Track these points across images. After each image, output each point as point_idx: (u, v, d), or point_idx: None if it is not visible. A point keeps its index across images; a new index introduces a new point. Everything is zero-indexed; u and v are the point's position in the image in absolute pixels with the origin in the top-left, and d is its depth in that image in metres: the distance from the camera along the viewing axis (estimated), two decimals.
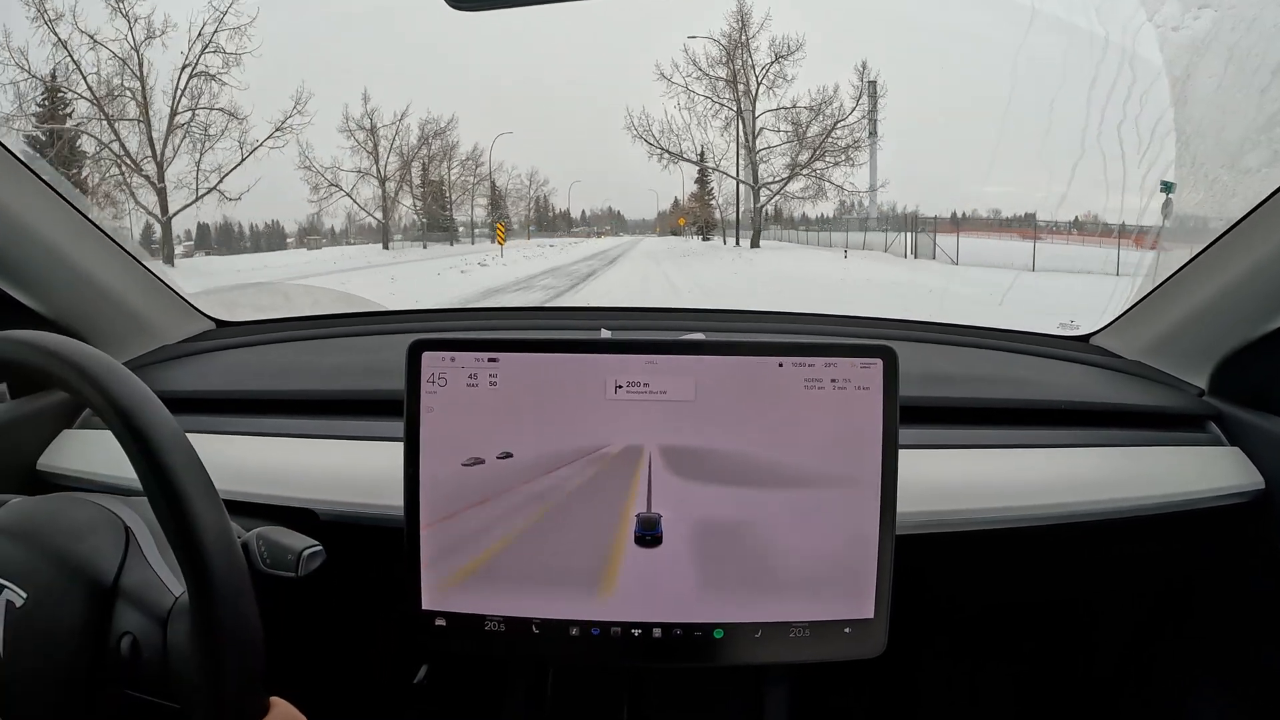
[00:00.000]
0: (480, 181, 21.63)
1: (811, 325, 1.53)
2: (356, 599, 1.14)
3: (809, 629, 0.83)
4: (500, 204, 23.20)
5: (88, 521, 0.77)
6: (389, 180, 18.96)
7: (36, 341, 0.68)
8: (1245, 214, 1.04)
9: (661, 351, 0.84)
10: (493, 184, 23.10)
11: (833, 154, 16.65)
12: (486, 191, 21.88)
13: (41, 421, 1.18)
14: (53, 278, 1.17)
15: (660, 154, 18.21)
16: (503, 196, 23.10)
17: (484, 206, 22.07)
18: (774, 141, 17.03)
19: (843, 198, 17.17)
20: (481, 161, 21.34)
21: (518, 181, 23.46)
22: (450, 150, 20.14)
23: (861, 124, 16.11)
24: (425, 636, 0.85)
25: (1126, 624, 1.35)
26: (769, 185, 17.43)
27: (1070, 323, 1.51)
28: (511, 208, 23.11)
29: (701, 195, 21.14)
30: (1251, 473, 1.10)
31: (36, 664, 0.68)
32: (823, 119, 16.44)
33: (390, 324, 1.58)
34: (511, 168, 22.72)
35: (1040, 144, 10.78)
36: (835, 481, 0.82)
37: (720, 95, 17.28)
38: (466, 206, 21.16)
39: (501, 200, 23.19)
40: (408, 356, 0.84)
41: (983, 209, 14.81)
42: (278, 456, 1.11)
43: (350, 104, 17.32)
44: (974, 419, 1.17)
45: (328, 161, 17.10)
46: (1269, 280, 1.04)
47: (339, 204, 17.97)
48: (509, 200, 23.27)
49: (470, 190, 21.14)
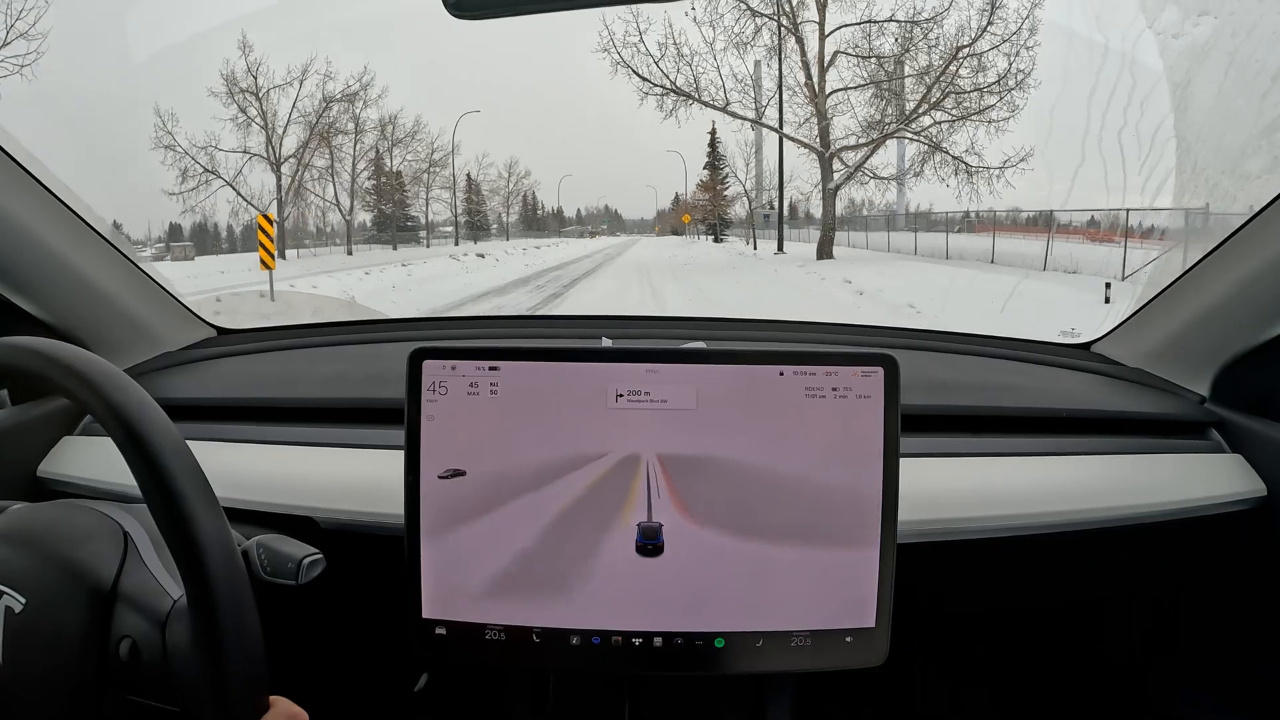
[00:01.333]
0: (433, 170, 19.72)
1: (812, 334, 1.53)
2: (357, 607, 1.13)
3: (810, 638, 0.83)
4: (476, 200, 21.88)
5: (86, 527, 0.77)
6: (295, 159, 16.37)
7: (38, 348, 0.68)
8: (1246, 220, 1.04)
9: (663, 360, 0.83)
10: (470, 181, 21.37)
11: (959, 98, 10.66)
12: (449, 184, 20.32)
13: (42, 428, 1.18)
14: (54, 284, 1.17)
15: (654, 92, 12.50)
16: (477, 191, 21.74)
17: (447, 201, 20.40)
18: (847, 79, 11.02)
19: (967, 171, 10.95)
20: (438, 148, 19.62)
21: (493, 173, 22.05)
22: (411, 135, 18.38)
23: (1002, 55, 9.52)
24: (425, 645, 0.85)
25: (1129, 632, 1.35)
26: (846, 150, 11.15)
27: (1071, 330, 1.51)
28: (490, 205, 22.11)
29: (713, 182, 18.92)
30: (1253, 480, 1.10)
31: (36, 669, 0.68)
32: (928, 44, 10.54)
33: (391, 332, 1.58)
34: (482, 155, 21.45)
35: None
36: (836, 490, 0.82)
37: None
38: (442, 201, 19.76)
39: (477, 195, 21.84)
40: (408, 365, 0.84)
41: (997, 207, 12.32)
42: (278, 464, 1.11)
43: (231, 58, 13.56)
44: (975, 427, 1.17)
45: (199, 138, 13.69)
46: (1270, 286, 1.04)
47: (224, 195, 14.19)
48: (483, 195, 22.00)
49: (425, 182, 19.46)
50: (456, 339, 1.55)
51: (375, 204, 19.33)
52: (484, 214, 22.55)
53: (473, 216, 21.95)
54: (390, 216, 19.48)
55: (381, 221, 19.58)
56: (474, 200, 22.12)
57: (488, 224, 22.55)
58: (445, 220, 21.40)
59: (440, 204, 20.94)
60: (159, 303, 1.38)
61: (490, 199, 22.48)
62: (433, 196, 20.64)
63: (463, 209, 21.80)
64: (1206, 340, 1.17)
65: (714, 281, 11.44)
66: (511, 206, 22.89)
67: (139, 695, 0.71)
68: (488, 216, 22.84)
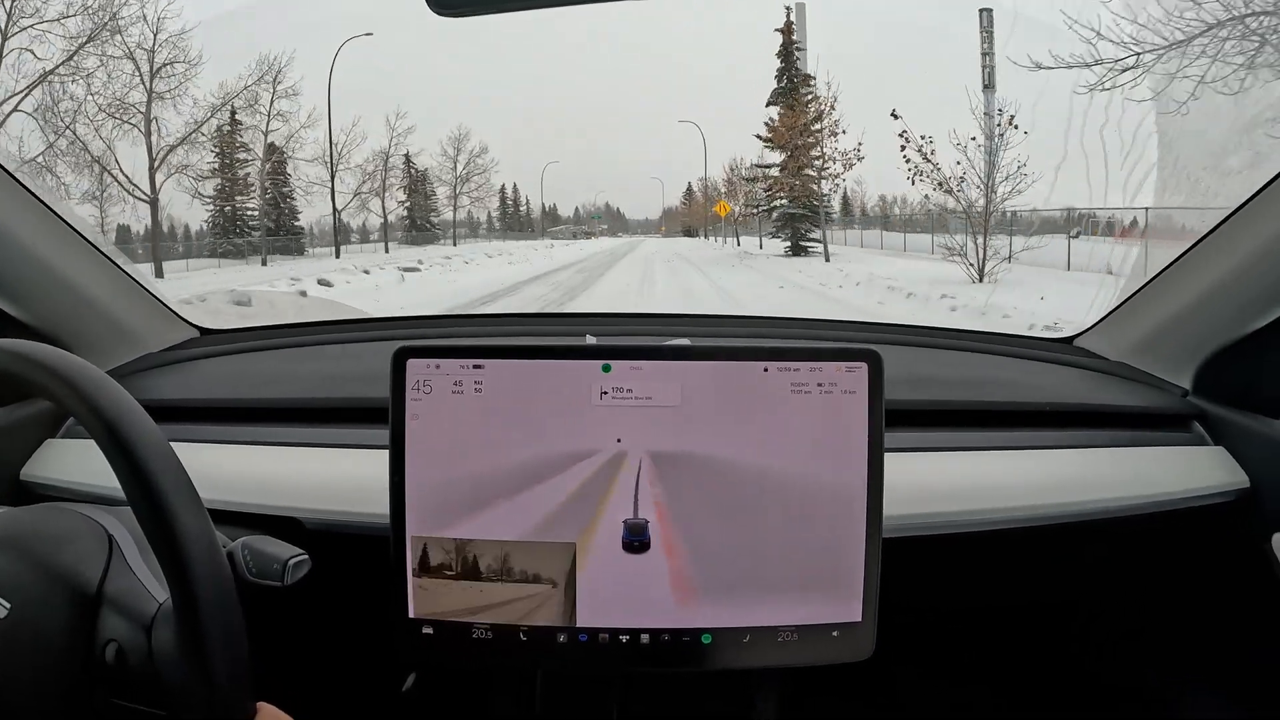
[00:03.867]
0: (342, 156, 15.61)
1: (796, 330, 1.54)
2: (343, 608, 1.13)
3: (797, 633, 0.83)
4: (421, 192, 17.53)
5: (70, 530, 0.76)
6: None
7: (19, 350, 0.68)
8: (1227, 215, 1.05)
9: (647, 357, 0.84)
10: (410, 166, 17.00)
11: None
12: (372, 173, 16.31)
13: (24, 431, 1.17)
14: (34, 285, 1.16)
15: None
16: (423, 180, 17.37)
17: (347, 195, 16.03)
18: None
19: None
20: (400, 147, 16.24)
21: (439, 153, 17.58)
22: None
23: None
24: (412, 645, 0.85)
25: (1114, 625, 1.36)
26: None
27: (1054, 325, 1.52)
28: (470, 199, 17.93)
29: (794, 119, 13.58)
30: (1236, 472, 1.11)
31: (22, 674, 0.68)
32: None
33: (375, 331, 1.58)
34: (412, 125, 16.75)
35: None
36: (822, 485, 0.83)
37: None
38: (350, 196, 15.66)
39: (421, 186, 17.49)
40: (392, 364, 0.83)
41: None
42: (263, 465, 1.11)
43: None
44: (959, 422, 1.17)
45: None
46: (1252, 280, 1.05)
47: None
48: (430, 186, 17.68)
49: (331, 164, 15.48)
50: (440, 337, 1.55)
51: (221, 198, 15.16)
52: (428, 210, 18.18)
53: (414, 214, 17.84)
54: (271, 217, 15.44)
55: (225, 226, 15.04)
56: (418, 193, 17.83)
57: (431, 223, 18.20)
58: (397, 220, 17.51)
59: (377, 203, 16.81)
60: (141, 303, 1.37)
61: (442, 187, 18.14)
62: (367, 192, 16.57)
63: (400, 203, 17.52)
64: (1189, 334, 1.18)
65: None
66: (470, 197, 18.39)
67: (125, 699, 0.71)
68: (433, 219, 18.59)
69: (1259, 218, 1.01)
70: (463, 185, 18.40)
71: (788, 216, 14.02)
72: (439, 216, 18.37)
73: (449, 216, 18.89)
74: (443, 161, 18.13)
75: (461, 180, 18.33)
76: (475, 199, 18.78)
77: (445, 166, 18.24)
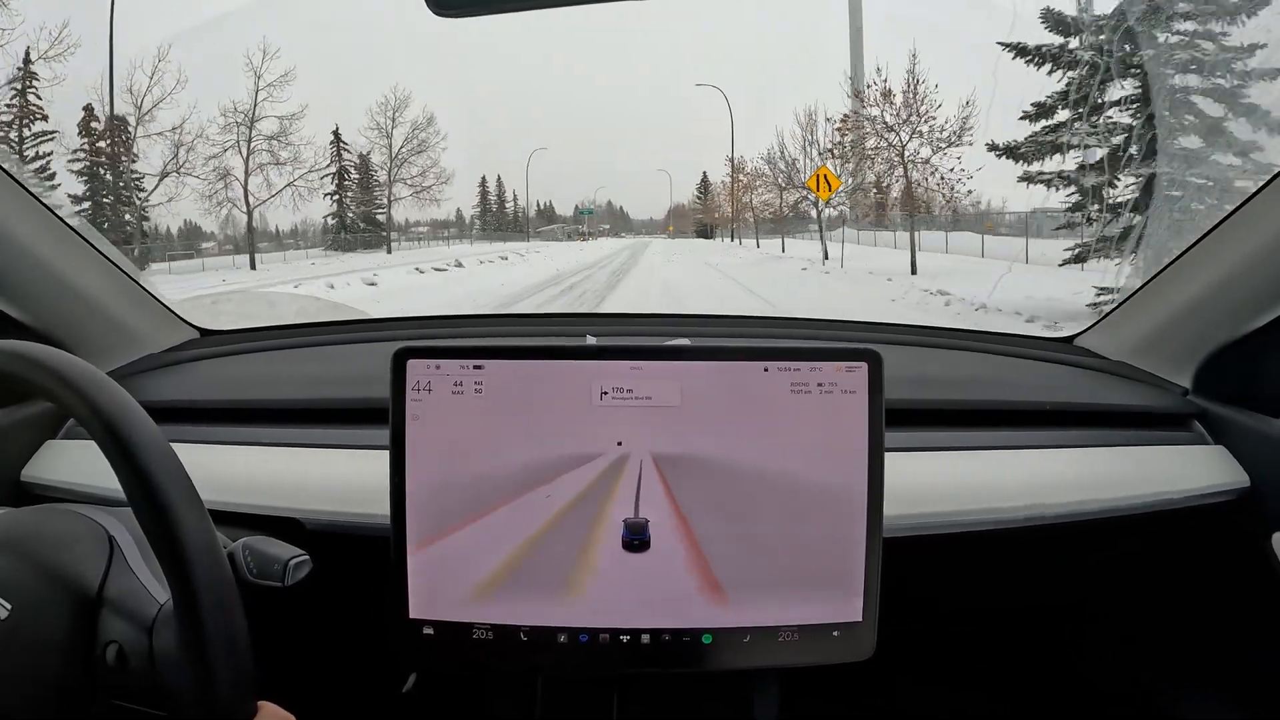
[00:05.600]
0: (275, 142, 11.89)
1: (796, 330, 1.54)
2: (344, 608, 1.13)
3: (797, 633, 0.83)
4: (356, 182, 13.15)
5: (70, 532, 0.76)
6: None
7: (19, 351, 0.68)
8: (1228, 214, 1.05)
9: (646, 357, 0.84)
10: (337, 143, 12.80)
11: None
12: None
13: (24, 432, 1.17)
14: (35, 286, 1.16)
15: None
16: (365, 170, 13.27)
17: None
18: None
19: None
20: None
21: (370, 126, 13.21)
22: None
23: None
24: (412, 646, 0.85)
25: (1114, 624, 1.36)
26: None
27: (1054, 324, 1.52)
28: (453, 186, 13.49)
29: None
30: (1236, 470, 1.11)
31: (22, 675, 0.68)
32: None
33: (375, 332, 1.58)
34: (289, 68, 12.74)
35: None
36: (822, 485, 0.83)
37: None
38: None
39: (360, 174, 13.25)
40: (392, 364, 0.83)
41: None
42: (263, 466, 1.11)
43: None
44: (959, 421, 1.17)
45: None
46: (1251, 279, 1.05)
47: None
48: (371, 172, 13.36)
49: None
50: (441, 338, 1.55)
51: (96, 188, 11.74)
52: (372, 206, 14.26)
53: (367, 208, 14.20)
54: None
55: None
56: (349, 182, 13.83)
57: (375, 222, 14.51)
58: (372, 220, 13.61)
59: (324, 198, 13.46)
60: (141, 304, 1.37)
61: (397, 172, 14.18)
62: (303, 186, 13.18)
63: (330, 195, 13.87)
64: (1188, 333, 1.18)
65: None
66: (410, 185, 14.33)
67: (126, 700, 0.71)
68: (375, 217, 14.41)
69: (1258, 216, 1.01)
70: (400, 168, 14.06)
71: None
72: (399, 214, 14.51)
73: (441, 214, 15.20)
74: (375, 138, 13.84)
75: (399, 163, 13.90)
76: (419, 189, 14.31)
77: (379, 148, 13.86)
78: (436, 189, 14.49)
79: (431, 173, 14.27)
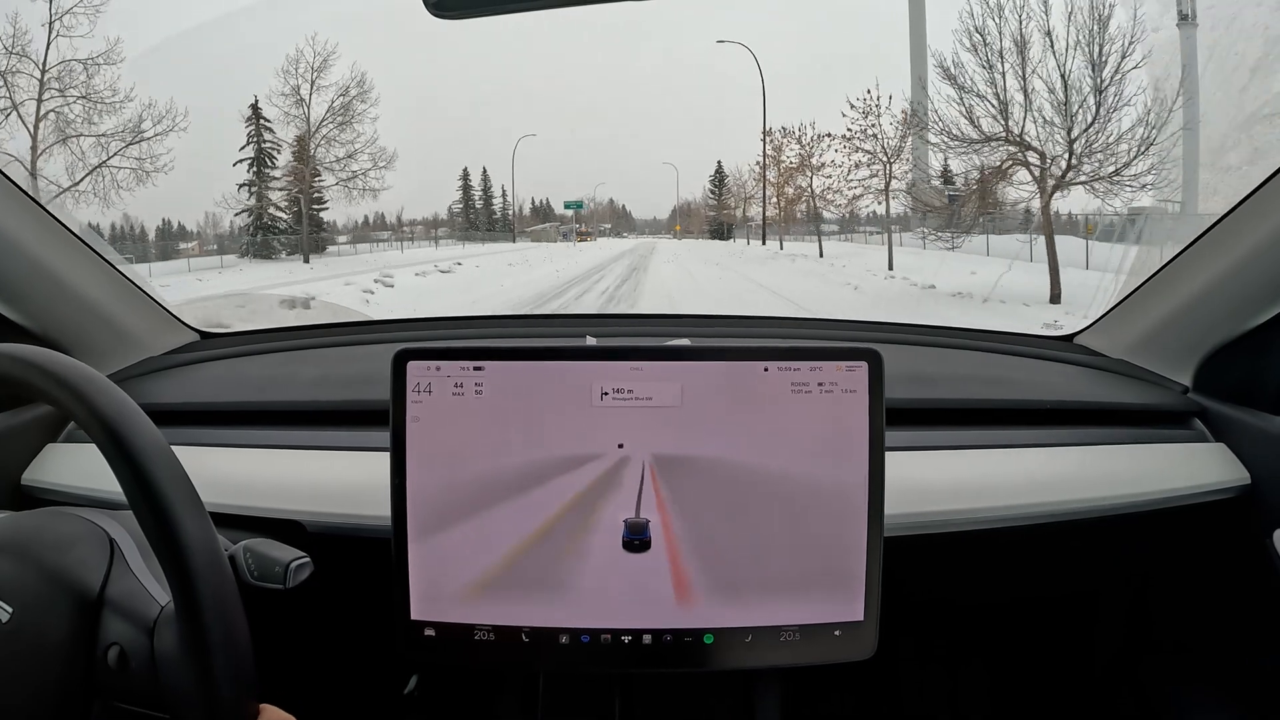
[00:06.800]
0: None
1: (796, 329, 1.54)
2: (345, 610, 1.13)
3: (799, 632, 0.83)
4: (270, 171, 10.22)
5: (72, 534, 0.76)
6: None
7: (19, 355, 0.68)
8: (1227, 211, 1.05)
9: (646, 357, 0.84)
10: (255, 116, 10.10)
11: None
12: None
13: (25, 436, 1.17)
14: (35, 290, 1.16)
15: None
16: (302, 156, 10.13)
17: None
18: None
19: None
20: None
21: (283, 92, 10.46)
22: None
23: None
24: (414, 647, 0.85)
25: (1115, 622, 1.36)
26: None
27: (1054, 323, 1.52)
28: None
29: None
30: (1237, 468, 1.11)
31: (24, 678, 0.68)
32: None
33: (375, 334, 1.58)
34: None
35: None
36: (823, 484, 0.83)
37: None
38: None
39: (274, 159, 10.26)
40: (393, 366, 0.83)
41: None
42: (264, 468, 1.10)
43: None
44: (960, 420, 1.17)
45: None
46: (1251, 276, 1.05)
47: None
48: (309, 156, 10.27)
49: None
50: (441, 339, 1.55)
51: None
52: (317, 202, 11.24)
53: (262, 210, 11.34)
54: None
55: None
56: (270, 169, 10.84)
57: (318, 222, 11.64)
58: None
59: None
60: (141, 307, 1.37)
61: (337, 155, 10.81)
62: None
63: (250, 184, 11.13)
64: (1188, 331, 1.18)
65: None
66: (337, 174, 11.04)
67: (128, 702, 0.71)
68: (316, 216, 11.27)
69: (1257, 214, 1.01)
70: (321, 143, 11.05)
71: None
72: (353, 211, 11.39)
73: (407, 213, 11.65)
74: (288, 108, 10.78)
75: (324, 142, 10.81)
76: (348, 177, 11.18)
77: (295, 121, 10.81)
78: (373, 175, 11.22)
79: (366, 155, 11.10)
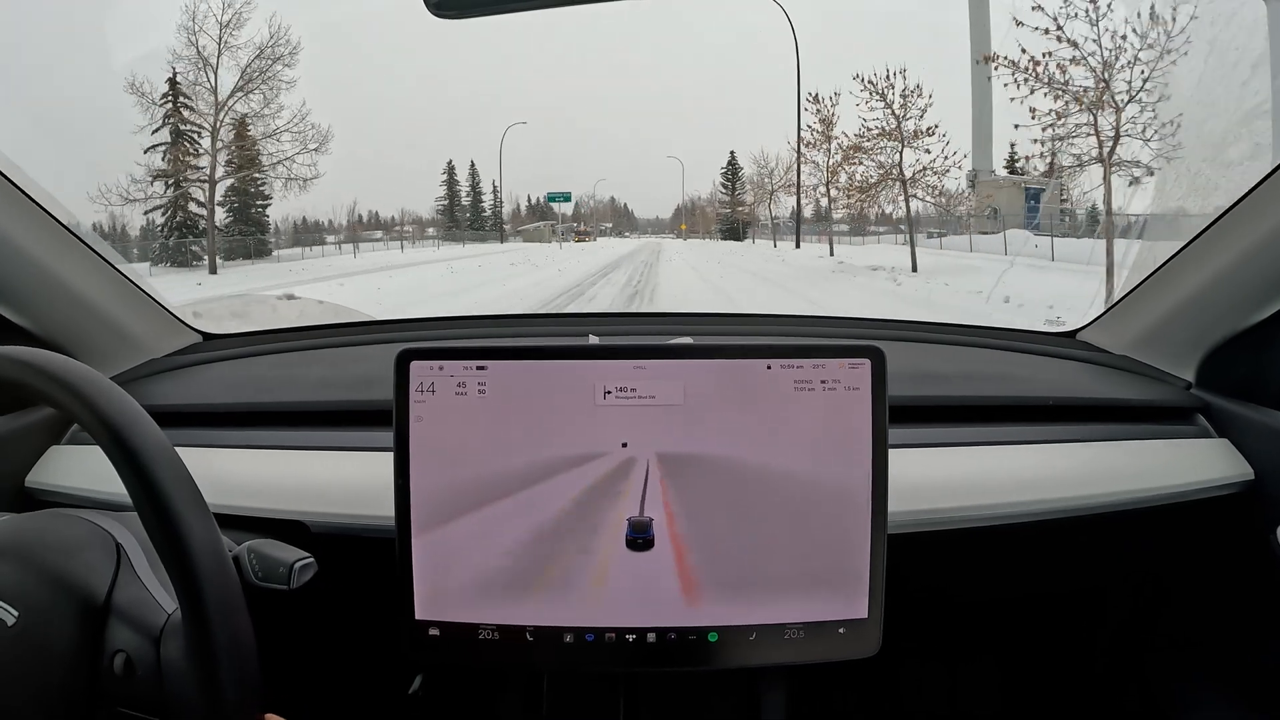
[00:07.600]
0: None
1: (799, 327, 1.54)
2: (349, 610, 1.13)
3: (803, 630, 0.83)
4: (186, 159, 8.69)
5: (78, 538, 0.76)
6: None
7: (23, 357, 0.68)
8: (1229, 206, 1.05)
9: (649, 356, 0.84)
10: (174, 90, 8.74)
11: None
12: None
13: (29, 438, 1.17)
14: (38, 293, 1.16)
15: None
16: (237, 140, 8.62)
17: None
18: None
19: None
20: None
21: (181, 54, 8.86)
22: None
23: None
24: (418, 647, 0.85)
25: (1119, 618, 1.36)
26: None
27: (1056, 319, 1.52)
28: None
29: None
30: (1240, 464, 1.11)
31: (29, 684, 0.68)
32: None
33: (378, 334, 1.58)
34: None
35: None
36: (826, 482, 0.83)
37: None
38: None
39: (196, 143, 8.75)
40: (396, 366, 0.83)
41: None
42: (268, 469, 1.10)
43: None
44: (963, 417, 1.17)
45: None
46: (1254, 272, 1.05)
47: None
48: (248, 141, 8.92)
49: None
50: (444, 339, 1.55)
51: None
52: (248, 196, 9.92)
53: (178, 206, 9.63)
54: None
55: None
56: (188, 157, 9.17)
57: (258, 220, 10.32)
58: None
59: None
60: (144, 309, 1.37)
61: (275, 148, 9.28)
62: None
63: (164, 174, 9.42)
64: (1191, 326, 1.18)
65: None
66: (234, 154, 9.52)
67: (131, 709, 0.70)
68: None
69: (1260, 209, 1.01)
70: (237, 121, 9.34)
71: None
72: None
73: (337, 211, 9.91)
74: (188, 70, 8.95)
75: (227, 119, 9.08)
76: (273, 163, 9.49)
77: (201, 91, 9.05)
78: (301, 160, 9.38)
79: (288, 132, 9.29)
